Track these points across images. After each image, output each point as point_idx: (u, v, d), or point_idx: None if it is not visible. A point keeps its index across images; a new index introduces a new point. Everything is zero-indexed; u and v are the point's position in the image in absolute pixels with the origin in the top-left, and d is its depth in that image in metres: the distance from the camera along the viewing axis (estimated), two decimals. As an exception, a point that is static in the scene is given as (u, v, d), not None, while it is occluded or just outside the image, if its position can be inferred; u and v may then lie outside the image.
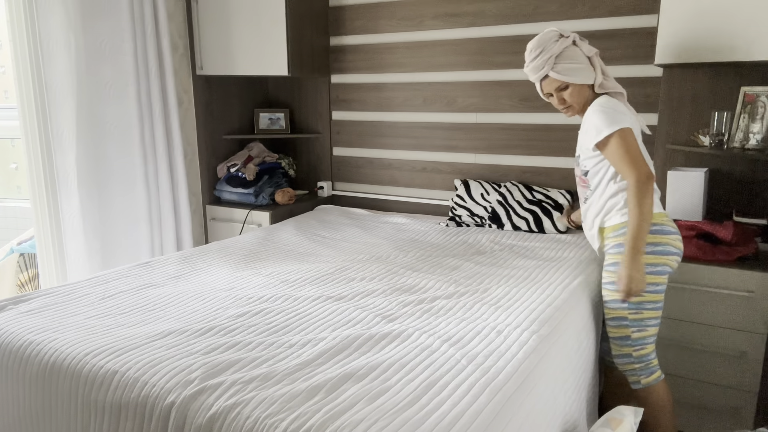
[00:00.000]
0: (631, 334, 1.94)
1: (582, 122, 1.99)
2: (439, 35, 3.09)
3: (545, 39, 1.92)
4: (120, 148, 2.89)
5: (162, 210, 3.09)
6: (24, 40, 2.56)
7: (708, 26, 2.14)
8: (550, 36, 1.92)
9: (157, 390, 1.39)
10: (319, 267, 2.29)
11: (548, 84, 1.95)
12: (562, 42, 1.90)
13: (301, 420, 1.24)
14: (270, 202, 3.35)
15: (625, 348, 1.97)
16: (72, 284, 2.08)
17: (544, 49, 1.90)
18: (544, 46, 1.90)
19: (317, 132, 3.57)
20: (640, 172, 1.80)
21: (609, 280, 1.96)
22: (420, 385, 1.38)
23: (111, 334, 1.67)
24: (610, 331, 2.00)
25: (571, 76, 1.90)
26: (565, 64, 1.90)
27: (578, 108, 1.99)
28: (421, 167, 3.28)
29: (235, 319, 1.78)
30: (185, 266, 2.32)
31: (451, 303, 1.91)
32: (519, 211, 2.82)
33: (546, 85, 1.96)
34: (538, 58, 1.91)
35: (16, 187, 4.64)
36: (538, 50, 1.90)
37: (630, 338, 1.94)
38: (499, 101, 2.99)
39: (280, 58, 3.07)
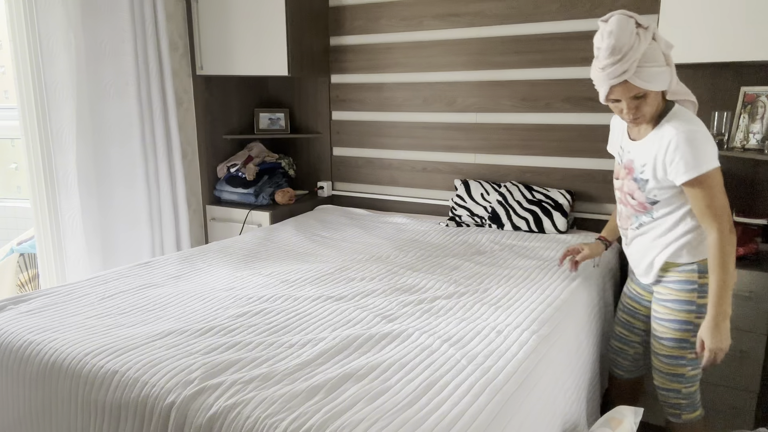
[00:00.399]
0: (686, 373, 1.81)
1: (651, 139, 1.70)
2: (439, 35, 3.09)
3: (625, 34, 1.54)
4: (120, 147, 2.89)
5: (162, 210, 3.09)
6: (24, 40, 2.56)
7: (708, 26, 2.14)
8: (629, 29, 1.54)
9: (157, 390, 1.39)
10: (319, 267, 2.29)
11: (623, 90, 1.60)
12: (644, 37, 1.55)
13: (301, 420, 1.24)
14: (270, 202, 3.35)
15: (674, 384, 1.83)
16: (72, 284, 2.08)
17: (630, 48, 1.53)
18: (627, 44, 1.53)
19: (317, 132, 3.57)
20: (724, 226, 1.61)
21: (668, 318, 1.79)
22: (420, 385, 1.38)
23: (111, 334, 1.67)
24: (662, 367, 1.85)
25: (653, 83, 1.57)
26: (648, 67, 1.56)
27: (649, 118, 1.69)
28: (421, 167, 3.28)
29: (235, 319, 1.78)
30: (185, 266, 2.32)
31: (451, 303, 1.91)
32: (519, 211, 2.82)
33: (619, 91, 1.60)
34: (620, 63, 1.54)
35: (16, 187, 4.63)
36: (621, 52, 1.53)
37: (684, 376, 1.81)
38: (499, 101, 2.99)
39: (280, 58, 3.07)
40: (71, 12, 2.62)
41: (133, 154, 2.94)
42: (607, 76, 1.57)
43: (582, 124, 2.81)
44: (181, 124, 3.24)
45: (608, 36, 1.55)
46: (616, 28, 1.55)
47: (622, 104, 1.64)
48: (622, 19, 1.57)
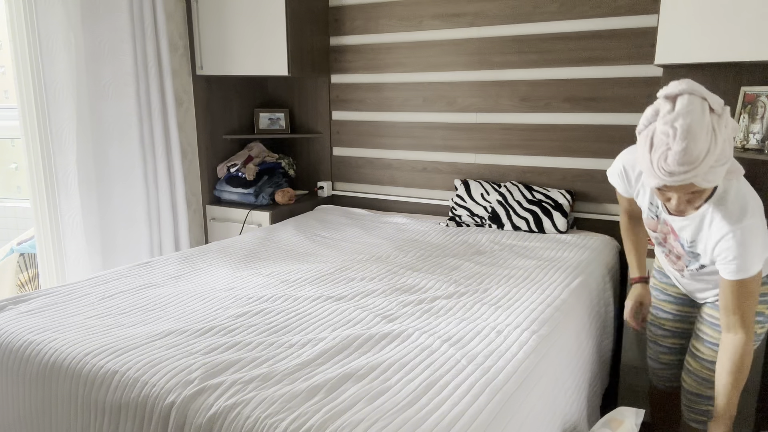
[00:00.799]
0: None
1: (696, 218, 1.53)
2: (439, 35, 3.09)
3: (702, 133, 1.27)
4: (119, 147, 2.89)
5: (161, 210, 3.09)
6: (24, 40, 2.56)
7: (708, 26, 2.14)
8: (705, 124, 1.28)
9: (157, 390, 1.39)
10: (319, 267, 2.29)
11: (681, 188, 1.36)
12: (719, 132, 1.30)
13: (301, 420, 1.24)
14: (270, 202, 3.35)
15: (711, 390, 1.74)
16: (72, 284, 2.08)
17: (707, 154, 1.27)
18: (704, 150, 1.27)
19: (317, 132, 3.57)
20: (749, 328, 1.50)
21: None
22: (420, 385, 1.38)
23: (111, 334, 1.67)
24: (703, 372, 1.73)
25: (717, 180, 1.33)
26: (717, 167, 1.31)
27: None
28: (421, 167, 3.28)
29: (235, 319, 1.78)
30: (185, 266, 2.32)
31: (451, 303, 1.91)
32: (519, 211, 2.82)
33: (675, 188, 1.36)
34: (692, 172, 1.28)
35: (16, 187, 4.63)
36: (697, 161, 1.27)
37: None
38: (499, 101, 2.99)
39: (280, 58, 3.07)
40: (71, 12, 2.62)
41: (133, 154, 2.94)
42: (672, 180, 1.31)
43: (582, 124, 2.81)
44: (181, 124, 3.24)
45: (682, 137, 1.26)
46: (693, 124, 1.26)
47: (673, 197, 1.41)
48: (696, 107, 1.28)
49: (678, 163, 1.28)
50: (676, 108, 1.30)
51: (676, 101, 1.31)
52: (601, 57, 2.71)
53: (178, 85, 3.22)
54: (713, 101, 1.31)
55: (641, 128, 1.39)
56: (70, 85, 2.65)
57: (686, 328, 1.90)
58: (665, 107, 1.32)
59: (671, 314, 1.90)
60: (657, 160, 1.32)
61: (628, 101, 2.69)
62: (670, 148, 1.29)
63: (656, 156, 1.32)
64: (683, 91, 1.31)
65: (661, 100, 1.34)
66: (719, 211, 1.47)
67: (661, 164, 1.31)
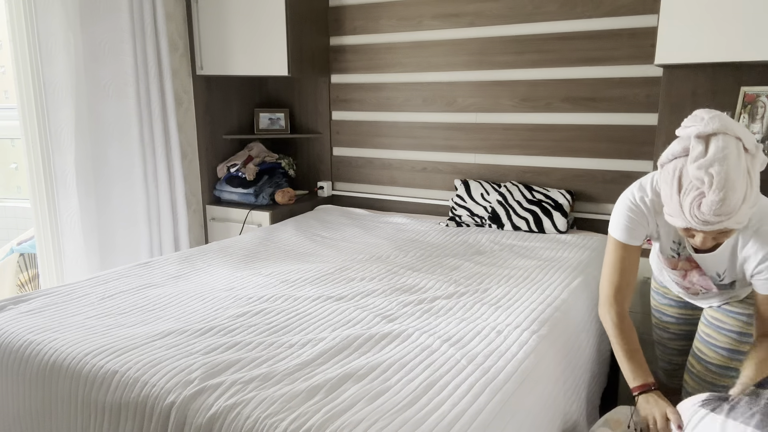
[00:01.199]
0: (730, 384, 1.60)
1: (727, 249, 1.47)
2: (439, 35, 3.09)
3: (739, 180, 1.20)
4: (119, 147, 2.89)
5: (161, 210, 3.09)
6: (24, 40, 2.56)
7: (708, 26, 2.14)
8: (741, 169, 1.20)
9: (157, 390, 1.39)
10: (319, 267, 2.29)
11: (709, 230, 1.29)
12: (754, 175, 1.24)
13: (301, 420, 1.24)
14: (270, 202, 3.35)
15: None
16: (72, 284, 2.08)
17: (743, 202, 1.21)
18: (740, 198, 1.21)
19: (317, 132, 3.57)
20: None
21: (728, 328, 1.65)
22: (420, 385, 1.38)
23: (111, 334, 1.66)
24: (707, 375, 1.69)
25: (747, 219, 1.27)
26: (748, 209, 1.25)
27: None
28: (421, 167, 3.28)
29: (235, 319, 1.78)
30: (185, 266, 2.32)
31: (451, 303, 1.91)
32: (519, 211, 2.82)
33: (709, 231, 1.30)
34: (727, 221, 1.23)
35: (16, 187, 4.63)
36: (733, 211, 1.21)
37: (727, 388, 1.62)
38: (499, 101, 2.99)
39: (280, 58, 3.07)
40: (71, 12, 2.62)
41: (132, 154, 2.94)
42: (705, 228, 1.25)
43: (582, 124, 2.81)
44: (181, 124, 3.24)
45: (719, 187, 1.18)
46: (731, 173, 1.18)
47: (699, 236, 1.33)
48: (732, 151, 1.19)
49: (714, 213, 1.20)
50: (710, 151, 1.21)
51: (709, 142, 1.22)
52: (601, 57, 2.71)
53: (178, 85, 3.21)
54: (747, 140, 1.23)
55: (665, 161, 1.31)
56: (70, 85, 2.65)
57: (691, 330, 1.87)
58: (697, 148, 1.22)
59: (674, 317, 1.87)
60: (689, 206, 1.23)
61: (628, 101, 2.69)
62: (704, 195, 1.20)
63: (687, 200, 1.24)
64: (717, 131, 1.22)
65: (693, 139, 1.24)
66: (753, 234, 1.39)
67: (694, 212, 1.23)
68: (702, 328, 1.72)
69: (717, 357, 1.66)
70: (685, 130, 1.29)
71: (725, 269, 1.50)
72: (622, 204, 1.56)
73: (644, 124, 2.68)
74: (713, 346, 1.67)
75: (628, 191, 1.55)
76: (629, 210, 1.53)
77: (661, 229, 1.55)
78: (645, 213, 1.52)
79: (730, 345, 1.63)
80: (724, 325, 1.65)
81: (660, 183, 1.33)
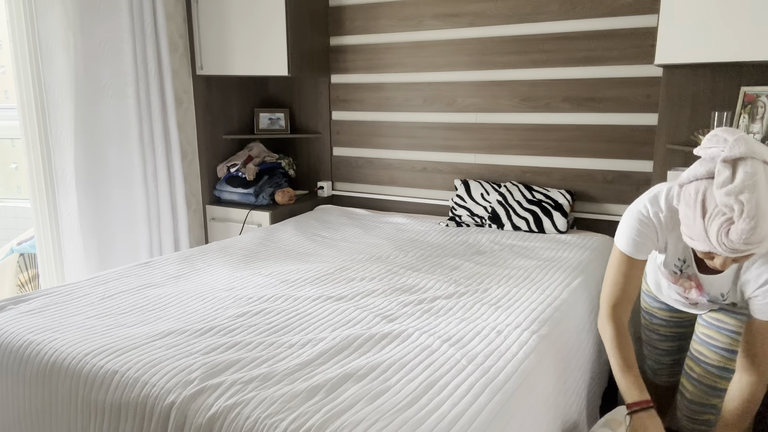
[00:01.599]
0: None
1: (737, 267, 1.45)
2: (439, 35, 3.09)
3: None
4: (119, 147, 2.89)
5: (160, 210, 3.09)
6: (24, 40, 2.56)
7: (708, 26, 2.14)
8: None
9: (157, 390, 1.39)
10: (319, 267, 2.29)
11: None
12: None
13: (301, 420, 1.24)
14: (270, 202, 3.35)
15: (714, 399, 1.68)
16: (72, 284, 2.08)
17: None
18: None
19: (317, 132, 3.57)
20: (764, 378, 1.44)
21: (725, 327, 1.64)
22: (420, 385, 1.38)
23: (111, 334, 1.66)
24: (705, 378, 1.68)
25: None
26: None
27: None
28: (421, 167, 3.28)
29: (235, 319, 1.78)
30: (185, 266, 2.32)
31: (451, 303, 1.91)
32: (519, 211, 2.82)
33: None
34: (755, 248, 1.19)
35: (16, 187, 4.63)
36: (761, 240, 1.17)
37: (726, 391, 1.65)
38: (499, 101, 2.99)
39: (280, 57, 3.07)
40: (70, 12, 2.62)
41: (132, 154, 2.94)
42: (731, 254, 1.21)
43: (582, 124, 2.81)
44: (181, 124, 3.24)
45: (750, 215, 1.14)
46: (762, 202, 1.15)
47: (719, 259, 1.28)
48: (761, 178, 1.16)
49: (744, 242, 1.16)
50: (738, 177, 1.17)
51: (737, 167, 1.18)
52: (601, 57, 2.71)
53: (178, 85, 3.22)
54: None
55: (685, 181, 1.26)
56: (70, 86, 2.65)
57: (680, 332, 1.87)
58: (724, 173, 1.18)
59: (664, 320, 1.87)
60: (716, 233, 1.19)
61: (628, 101, 2.69)
62: (733, 222, 1.17)
63: (714, 226, 1.19)
64: (745, 155, 1.18)
65: (719, 164, 1.20)
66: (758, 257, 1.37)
67: (722, 239, 1.19)
68: (700, 330, 1.71)
69: (717, 358, 1.65)
70: (706, 151, 1.25)
71: (728, 290, 1.48)
72: (632, 216, 1.50)
73: (644, 124, 2.68)
74: (713, 347, 1.66)
75: (640, 203, 1.50)
76: (639, 223, 1.48)
77: (669, 246, 1.52)
78: (656, 228, 1.48)
79: (731, 345, 1.62)
80: (725, 325, 1.64)
81: (680, 203, 1.29)
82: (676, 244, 1.50)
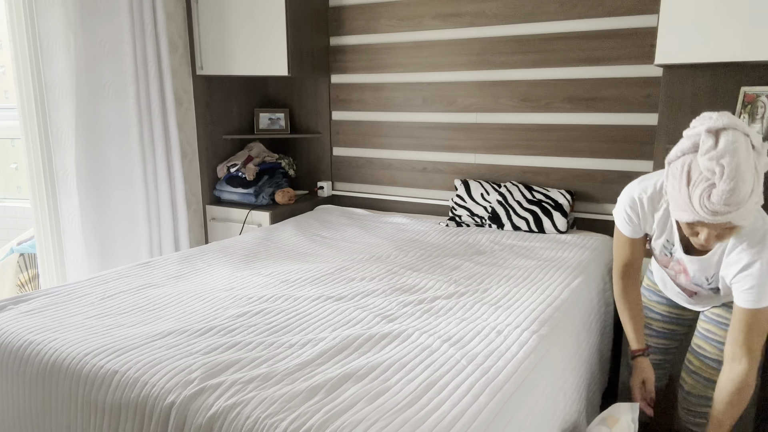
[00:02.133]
0: None
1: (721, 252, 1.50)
2: (439, 35, 3.09)
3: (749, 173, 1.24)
4: (119, 147, 2.89)
5: (160, 210, 3.09)
6: (24, 40, 2.56)
7: (708, 26, 2.14)
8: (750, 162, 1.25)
9: (157, 390, 1.39)
10: (319, 267, 2.29)
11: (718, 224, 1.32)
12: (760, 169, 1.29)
13: (301, 420, 1.24)
14: (270, 202, 3.35)
15: (712, 391, 1.71)
16: (72, 284, 2.08)
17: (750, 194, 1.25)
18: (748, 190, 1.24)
19: (317, 132, 3.57)
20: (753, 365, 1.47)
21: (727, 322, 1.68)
22: (420, 385, 1.38)
23: (111, 334, 1.67)
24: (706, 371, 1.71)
25: (751, 217, 1.30)
26: (754, 204, 1.29)
27: None
28: (421, 167, 3.28)
29: (235, 319, 1.78)
30: (185, 266, 2.32)
31: (451, 303, 1.91)
32: (519, 211, 2.82)
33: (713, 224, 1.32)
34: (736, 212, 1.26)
35: (16, 187, 4.63)
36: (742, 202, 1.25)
37: None
38: (499, 101, 2.99)
39: (280, 58, 3.07)
40: (71, 12, 2.62)
41: (132, 154, 2.94)
42: (713, 219, 1.27)
43: (582, 124, 2.81)
44: (181, 124, 3.24)
45: (730, 176, 1.22)
46: (740, 164, 1.22)
47: (703, 232, 1.35)
48: (741, 145, 1.24)
49: (724, 203, 1.23)
50: (720, 144, 1.25)
51: (719, 136, 1.26)
52: (601, 57, 2.71)
53: (178, 85, 3.22)
54: (754, 138, 1.28)
55: (673, 158, 1.34)
56: (70, 85, 2.65)
57: (675, 330, 1.90)
58: (708, 141, 1.26)
59: (661, 315, 1.90)
60: (699, 196, 1.27)
61: (628, 101, 2.69)
62: (714, 185, 1.24)
63: (697, 192, 1.27)
64: (727, 126, 1.26)
65: (703, 134, 1.27)
66: (741, 241, 1.43)
67: (704, 202, 1.26)
68: (701, 325, 1.75)
69: (715, 351, 1.70)
70: (693, 130, 1.32)
71: (713, 274, 1.54)
72: (623, 199, 1.63)
73: (644, 124, 2.68)
74: (712, 341, 1.71)
75: (630, 186, 1.63)
76: (627, 204, 1.62)
77: (656, 226, 1.60)
78: (644, 209, 1.59)
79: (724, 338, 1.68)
80: (725, 321, 1.68)
81: (667, 180, 1.35)
82: (663, 225, 1.59)
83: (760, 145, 1.28)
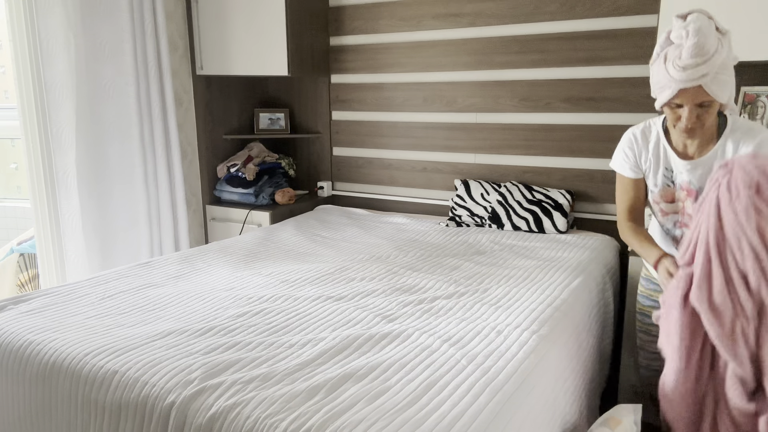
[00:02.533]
0: None
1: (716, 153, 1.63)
2: (439, 35, 3.09)
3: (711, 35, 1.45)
4: (119, 147, 2.89)
5: (161, 210, 3.09)
6: (24, 40, 2.56)
7: (708, 26, 2.13)
8: (712, 30, 1.46)
9: (157, 390, 1.39)
10: (319, 267, 2.29)
11: (692, 95, 1.49)
12: (724, 43, 1.48)
13: (301, 420, 1.24)
14: (270, 202, 3.35)
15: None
16: (72, 284, 2.08)
17: (715, 52, 1.45)
18: (713, 47, 1.45)
19: (317, 132, 3.57)
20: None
21: None
22: (420, 385, 1.38)
23: (111, 334, 1.67)
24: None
25: (723, 93, 1.49)
26: (723, 76, 1.48)
27: (706, 132, 1.62)
28: (421, 167, 3.28)
29: (235, 319, 1.78)
30: (185, 266, 2.32)
31: (451, 303, 1.91)
32: (519, 211, 2.82)
33: (687, 95, 1.50)
34: (704, 65, 1.45)
35: (16, 187, 4.63)
36: (708, 54, 1.44)
37: None
38: (499, 101, 2.99)
39: (280, 58, 3.07)
40: (71, 12, 2.62)
41: (132, 154, 2.94)
42: (686, 76, 1.45)
43: (582, 124, 2.81)
44: (181, 124, 3.24)
45: (694, 34, 1.44)
46: (703, 26, 1.43)
47: (684, 110, 1.52)
48: (704, 18, 1.45)
49: (690, 55, 1.45)
50: (687, 19, 1.48)
51: (687, 18, 1.49)
52: (601, 57, 2.71)
53: (178, 85, 3.22)
54: (718, 23, 1.50)
55: (655, 57, 1.56)
56: (70, 85, 2.65)
57: None
58: (677, 22, 1.51)
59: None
60: (672, 62, 1.49)
61: (628, 101, 2.69)
62: (681, 45, 1.47)
63: (670, 59, 1.49)
64: (693, 11, 1.50)
65: (674, 19, 1.52)
66: (738, 134, 1.60)
67: (676, 62, 1.48)
68: None
69: None
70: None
71: None
72: (621, 144, 1.82)
73: (644, 124, 2.68)
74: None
75: (625, 133, 1.82)
76: (627, 147, 1.80)
77: (651, 156, 1.76)
78: (639, 143, 1.77)
79: None
80: None
81: (652, 78, 1.57)
82: (656, 154, 1.74)
83: (724, 29, 1.50)
